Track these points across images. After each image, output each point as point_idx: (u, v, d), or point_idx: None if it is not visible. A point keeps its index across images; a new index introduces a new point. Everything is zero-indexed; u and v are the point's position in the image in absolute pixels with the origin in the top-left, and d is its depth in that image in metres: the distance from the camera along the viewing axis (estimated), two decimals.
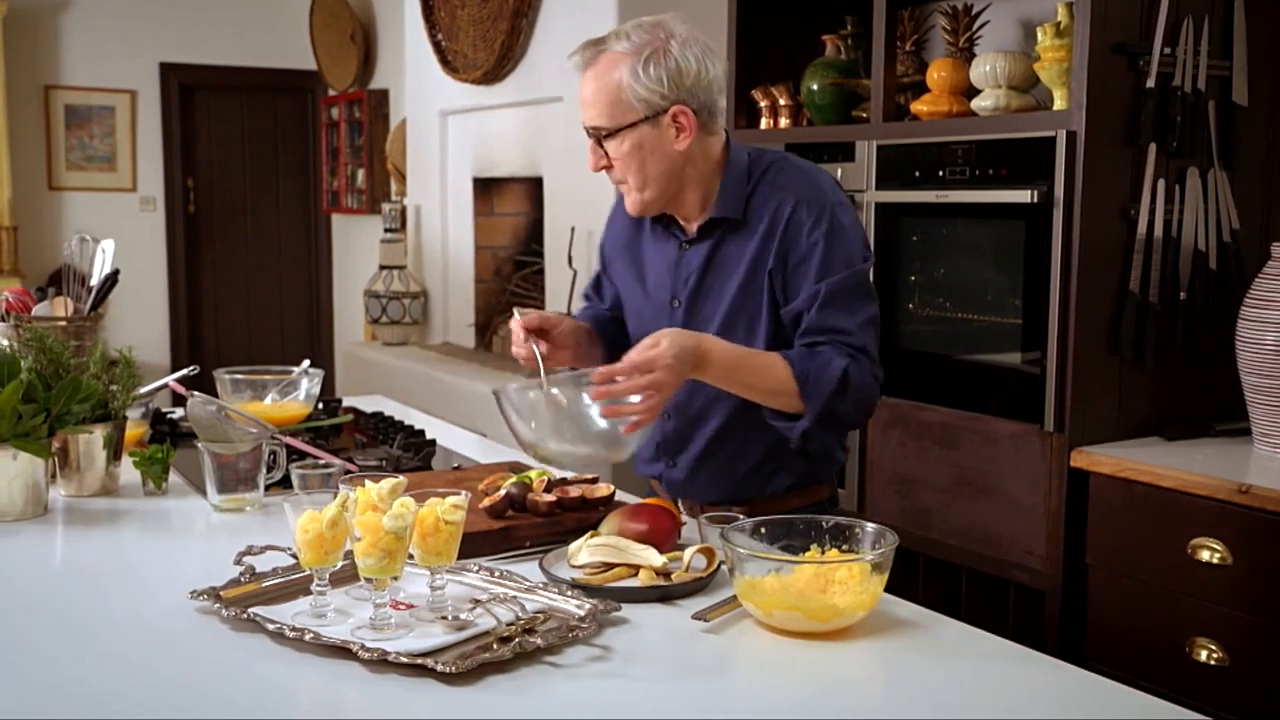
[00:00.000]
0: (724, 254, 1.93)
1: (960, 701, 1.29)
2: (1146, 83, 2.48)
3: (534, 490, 1.83)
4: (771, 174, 1.93)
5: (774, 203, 1.89)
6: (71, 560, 1.80)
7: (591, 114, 1.86)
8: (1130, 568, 2.42)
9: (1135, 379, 2.58)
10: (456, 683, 1.29)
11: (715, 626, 1.47)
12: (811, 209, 1.87)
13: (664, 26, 1.85)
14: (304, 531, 1.45)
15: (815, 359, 1.80)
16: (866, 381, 1.82)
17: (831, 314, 1.83)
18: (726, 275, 1.92)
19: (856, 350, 1.82)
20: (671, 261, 1.98)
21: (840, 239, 1.86)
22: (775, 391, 1.81)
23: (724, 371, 1.80)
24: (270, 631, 1.41)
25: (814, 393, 1.79)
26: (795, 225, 1.86)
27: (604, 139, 1.86)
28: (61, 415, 1.92)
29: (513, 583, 1.57)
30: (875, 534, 1.53)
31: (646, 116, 1.83)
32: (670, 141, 1.86)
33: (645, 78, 1.82)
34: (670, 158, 1.87)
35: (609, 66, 1.84)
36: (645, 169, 1.87)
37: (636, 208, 1.94)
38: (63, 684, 1.31)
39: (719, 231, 1.93)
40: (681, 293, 1.96)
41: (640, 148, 1.85)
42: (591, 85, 1.85)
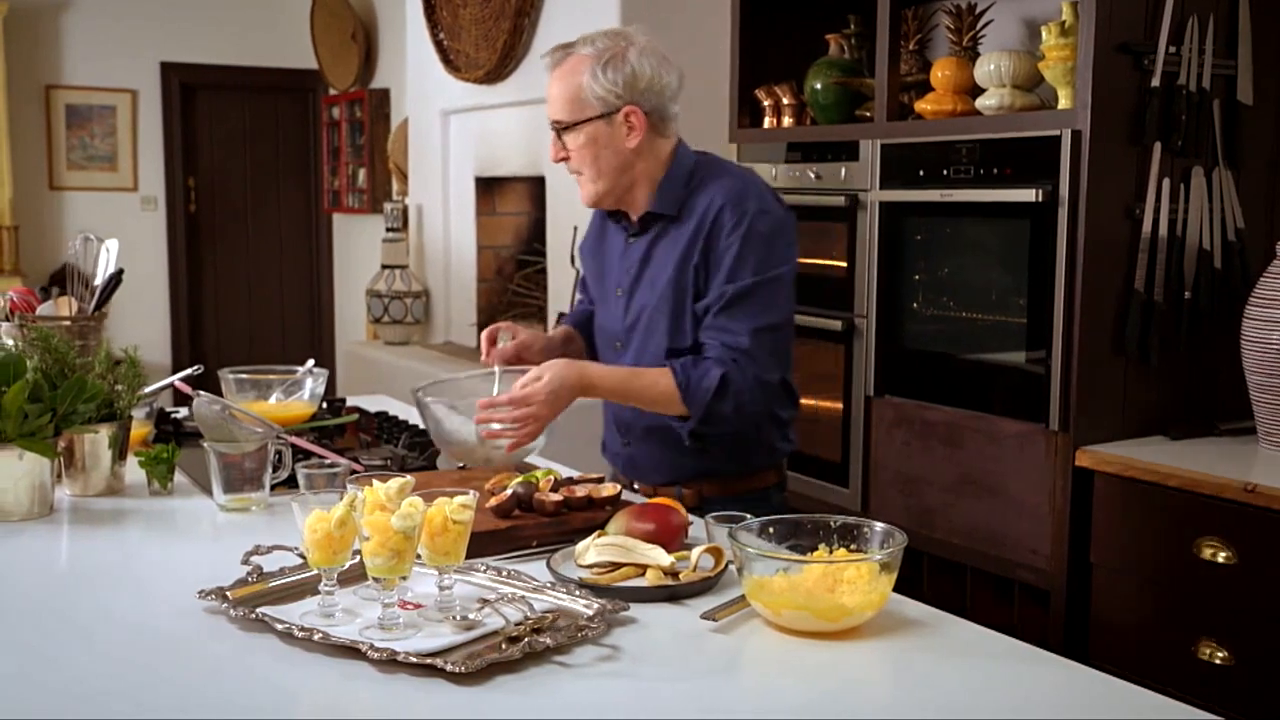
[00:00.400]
0: (660, 248, 2.11)
1: (970, 702, 1.29)
2: (1151, 82, 2.48)
3: (540, 490, 1.83)
4: (709, 176, 2.10)
5: (705, 203, 2.06)
6: (78, 560, 1.80)
7: (554, 109, 2.07)
8: (1135, 567, 2.41)
9: (1140, 378, 2.58)
10: (465, 682, 1.29)
11: (723, 626, 1.47)
12: (734, 212, 2.03)
13: (626, 36, 2.07)
14: (312, 531, 1.45)
15: (697, 368, 1.99)
16: (747, 386, 1.99)
17: (728, 316, 2.01)
18: (660, 268, 2.10)
19: (741, 354, 1.98)
20: (620, 253, 2.18)
21: (754, 244, 2.01)
22: (662, 402, 2.01)
23: (609, 394, 2.04)
24: (279, 631, 1.40)
25: (694, 400, 1.98)
26: (718, 226, 2.03)
27: (563, 132, 2.06)
28: (67, 415, 1.92)
29: (520, 582, 1.57)
30: (884, 533, 1.53)
31: (602, 114, 2.04)
32: (622, 139, 2.05)
33: (603, 79, 2.02)
34: (621, 154, 2.06)
35: (573, 68, 2.05)
36: (598, 162, 2.07)
37: (589, 198, 2.13)
38: (71, 684, 1.31)
39: (657, 226, 2.11)
40: (624, 282, 2.16)
41: (594, 142, 2.05)
42: (556, 84, 2.06)
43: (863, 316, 3.00)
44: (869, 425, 3.00)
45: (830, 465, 3.12)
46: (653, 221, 2.11)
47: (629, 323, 2.14)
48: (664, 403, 2.00)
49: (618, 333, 2.17)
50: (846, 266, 3.05)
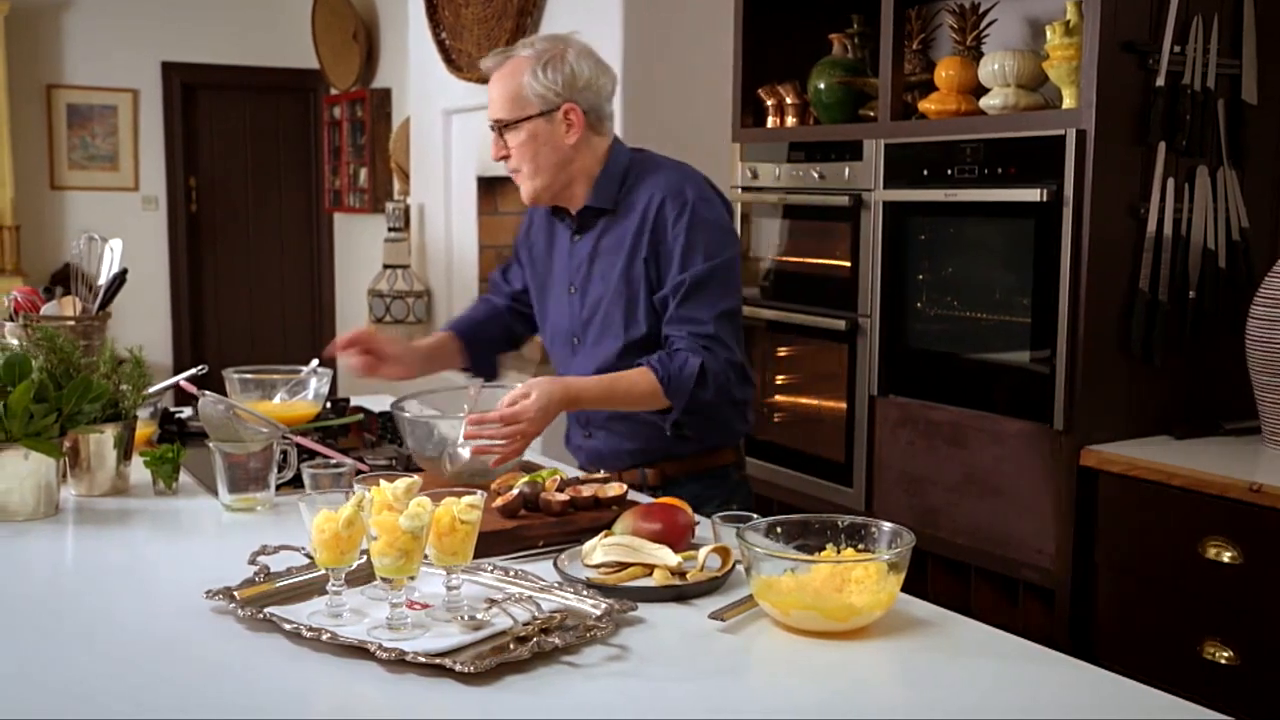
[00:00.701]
0: (606, 244, 2.19)
1: (979, 702, 1.29)
2: (1156, 81, 2.48)
3: (546, 490, 1.83)
4: (646, 171, 2.18)
5: (645, 197, 2.14)
6: (84, 560, 1.80)
7: (495, 108, 2.14)
8: (1140, 567, 2.41)
9: (1144, 378, 2.58)
10: (474, 683, 1.29)
11: (731, 626, 1.47)
12: (675, 203, 2.12)
13: (564, 39, 2.17)
14: (320, 531, 1.44)
15: (674, 360, 2.06)
16: (721, 370, 2.08)
17: (690, 305, 2.09)
18: (609, 264, 2.18)
19: (710, 340, 2.08)
20: (567, 251, 2.25)
21: (700, 231, 2.11)
22: (644, 400, 2.08)
23: (593, 403, 2.09)
24: (287, 631, 1.40)
25: (677, 391, 2.06)
26: (661, 218, 2.12)
27: (505, 130, 2.13)
28: (73, 415, 1.92)
29: (527, 582, 1.57)
30: (891, 533, 1.53)
31: (542, 111, 2.11)
32: (561, 135, 2.13)
33: (543, 77, 2.11)
34: (560, 150, 2.14)
35: (513, 68, 2.13)
36: (538, 158, 2.14)
37: (528, 196, 2.19)
38: (78, 683, 1.31)
39: (600, 223, 2.19)
40: (576, 279, 2.23)
41: (534, 138, 2.12)
42: (497, 85, 2.14)
43: (866, 316, 2.99)
44: (873, 425, 3.00)
45: (834, 465, 3.12)
46: (593, 218, 2.19)
47: (585, 317, 2.21)
48: (647, 400, 2.07)
49: (573, 328, 2.24)
50: (850, 266, 3.04)
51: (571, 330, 2.25)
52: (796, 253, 3.29)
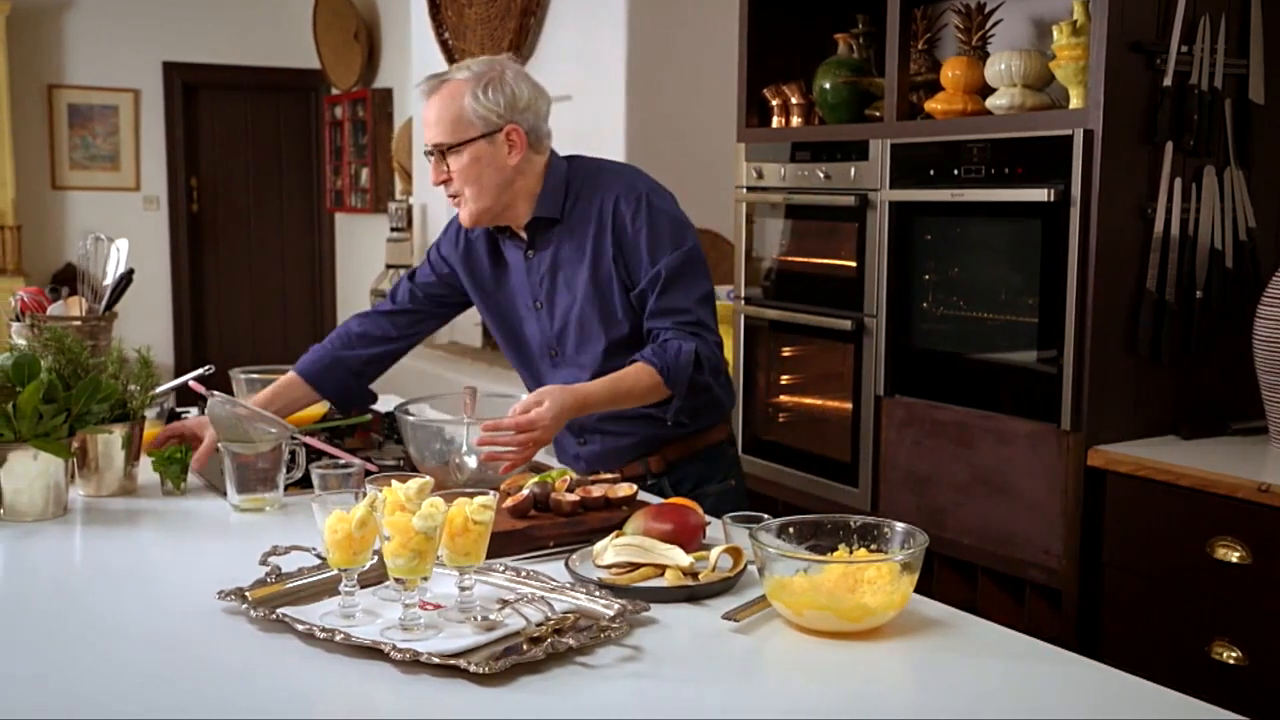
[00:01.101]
0: (564, 255, 2.20)
1: (993, 702, 1.29)
2: (1164, 81, 2.48)
3: (556, 490, 1.83)
4: (589, 178, 2.21)
5: (596, 203, 2.17)
6: (95, 561, 1.79)
7: (434, 132, 2.13)
8: (1148, 567, 2.41)
9: (1151, 378, 2.58)
10: (489, 683, 1.28)
11: (744, 626, 1.47)
12: (628, 200, 2.15)
13: (499, 62, 2.17)
14: (333, 532, 1.44)
15: (668, 350, 2.08)
16: (711, 352, 2.14)
17: (670, 295, 2.13)
18: (572, 273, 2.19)
19: (697, 326, 2.12)
20: (523, 270, 2.25)
21: (660, 221, 2.15)
22: (648, 394, 2.09)
23: (600, 405, 2.07)
24: (299, 632, 1.40)
25: (678, 379, 2.09)
26: (619, 216, 2.15)
27: (447, 153, 2.12)
28: (82, 415, 1.92)
29: (539, 583, 1.56)
30: (904, 534, 1.53)
31: (484, 133, 2.11)
32: (504, 156, 2.13)
33: (485, 99, 2.11)
34: (503, 171, 2.14)
35: (452, 91, 2.12)
36: (481, 180, 2.13)
37: (470, 218, 2.18)
38: (91, 685, 1.30)
39: (553, 234, 2.20)
40: (539, 294, 2.24)
41: (478, 160, 2.12)
42: (435, 108, 2.12)
43: (872, 316, 2.99)
44: (879, 425, 3.00)
45: (840, 465, 3.12)
46: (544, 230, 2.19)
47: (557, 329, 2.22)
48: (650, 394, 2.08)
49: (547, 343, 2.26)
50: (856, 266, 3.04)
51: (545, 345, 2.26)
52: (801, 253, 3.28)
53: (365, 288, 7.32)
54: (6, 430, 1.85)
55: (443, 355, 5.34)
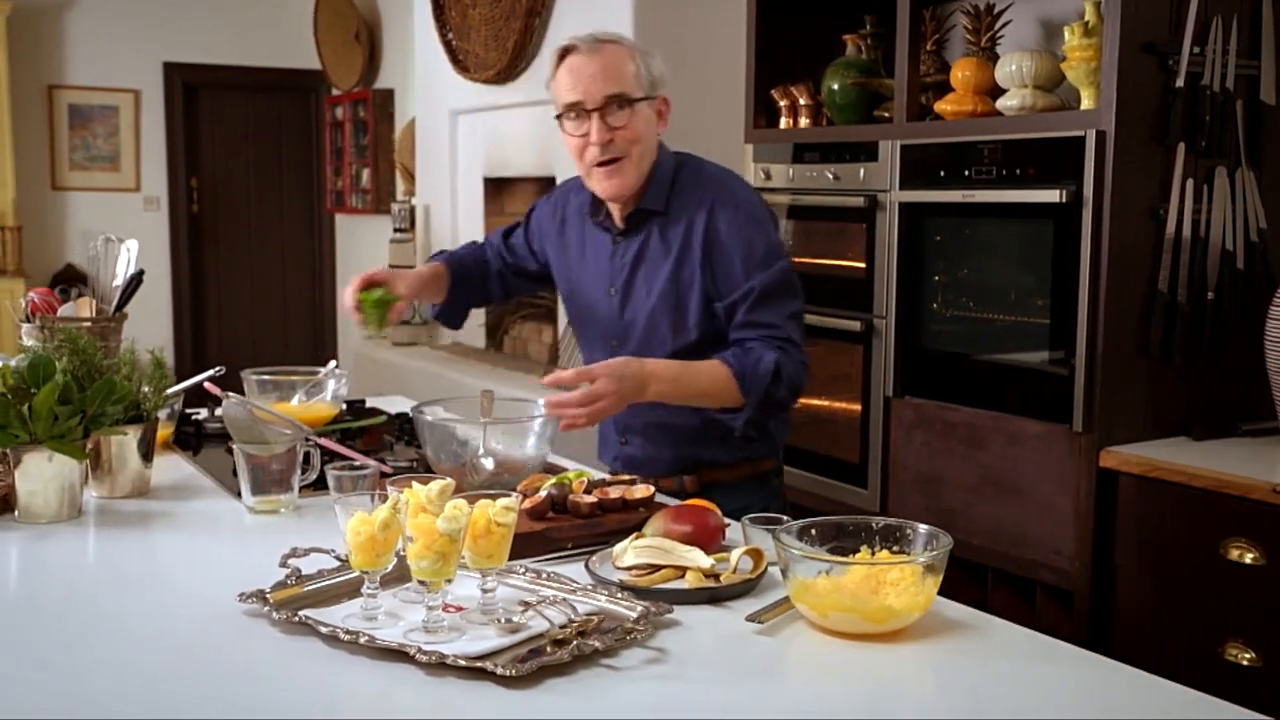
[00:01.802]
0: (653, 247, 2.12)
1: (1019, 703, 1.28)
2: (1176, 82, 2.48)
3: (574, 492, 1.82)
4: (692, 174, 2.14)
5: (695, 202, 2.09)
6: (111, 562, 1.78)
7: (610, 83, 2.03)
8: (1161, 568, 2.41)
9: (1162, 379, 2.58)
10: (515, 685, 1.28)
11: (767, 628, 1.46)
12: (729, 209, 2.07)
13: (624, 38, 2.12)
14: (355, 534, 1.44)
15: (749, 356, 2.01)
16: (795, 369, 2.04)
17: (761, 310, 2.05)
18: (655, 267, 2.12)
19: (784, 341, 2.04)
20: (607, 253, 2.18)
21: (759, 237, 2.07)
22: (715, 392, 2.01)
23: (666, 387, 1.99)
24: (323, 635, 1.39)
25: (752, 386, 2.00)
26: (714, 223, 2.07)
27: (623, 107, 2.03)
28: (96, 417, 1.91)
29: (560, 585, 1.56)
30: (928, 535, 1.53)
31: (647, 96, 2.06)
32: (654, 124, 2.10)
33: (646, 65, 2.07)
34: (654, 140, 2.10)
35: (618, 51, 2.05)
36: (646, 143, 2.07)
37: (622, 188, 2.08)
38: (114, 686, 1.30)
39: (647, 225, 2.13)
40: (617, 281, 2.17)
41: (646, 122, 2.07)
42: (603, 60, 2.03)
43: (881, 317, 2.99)
44: (888, 426, 3.00)
45: (849, 466, 3.12)
46: (641, 221, 2.12)
47: (626, 321, 2.16)
48: (718, 393, 2.01)
49: (611, 331, 2.20)
50: (865, 267, 3.04)
51: (609, 333, 2.20)
52: (810, 253, 3.28)
53: None
54: (22, 432, 1.84)
55: (446, 356, 5.34)
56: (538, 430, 2.03)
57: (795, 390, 2.05)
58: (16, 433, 1.84)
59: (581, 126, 2.05)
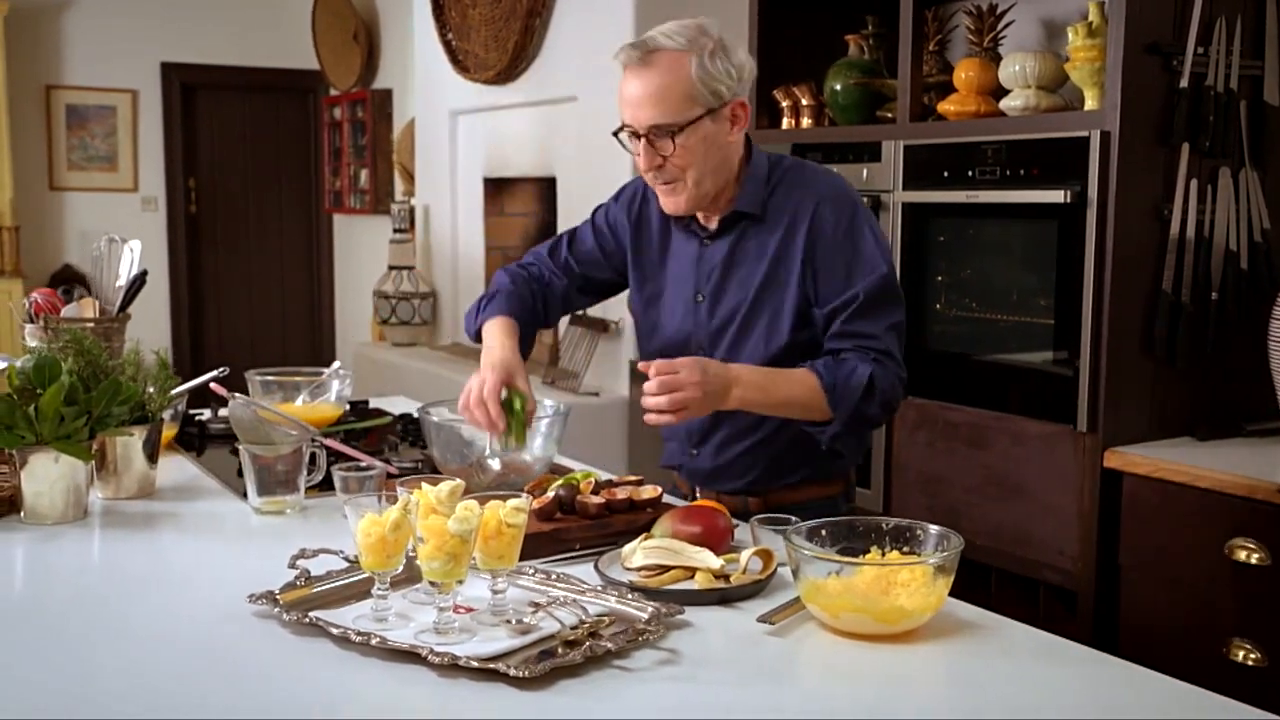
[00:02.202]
0: (745, 250, 1.98)
1: (1031, 703, 1.28)
2: (1180, 83, 2.48)
3: (582, 492, 1.82)
4: (792, 174, 1.99)
5: (795, 201, 1.95)
6: (118, 564, 1.78)
7: (653, 112, 1.86)
8: (1165, 568, 2.41)
9: (1167, 379, 2.58)
10: (528, 686, 1.28)
11: (778, 629, 1.46)
12: (835, 208, 1.93)
13: (704, 28, 1.89)
14: (366, 535, 1.43)
15: (841, 367, 1.88)
16: (891, 384, 1.91)
17: (861, 321, 1.91)
18: (748, 270, 1.98)
19: (881, 354, 1.90)
20: (694, 257, 2.03)
21: (866, 241, 1.93)
22: (802, 403, 1.89)
23: (753, 390, 1.86)
24: (334, 636, 1.39)
25: (842, 400, 1.87)
26: (819, 224, 1.92)
27: (675, 134, 1.86)
28: (102, 417, 1.91)
29: (570, 586, 1.56)
30: (938, 536, 1.53)
31: (711, 109, 1.87)
32: (725, 134, 1.91)
33: (715, 70, 1.86)
34: (724, 150, 1.92)
35: (673, 63, 1.85)
36: (706, 162, 1.90)
37: (687, 204, 1.95)
38: (124, 688, 1.30)
39: (739, 227, 1.98)
40: (705, 287, 2.02)
41: (705, 141, 1.89)
42: (654, 82, 1.85)
43: None
44: (890, 425, 3.00)
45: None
46: (734, 222, 1.98)
47: (716, 327, 2.01)
48: (806, 404, 1.88)
49: (698, 338, 2.03)
50: None
51: (695, 340, 2.03)
52: None
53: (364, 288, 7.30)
54: (28, 433, 1.84)
55: (445, 356, 5.33)
56: (545, 431, 2.02)
57: (889, 407, 1.92)
58: (23, 433, 1.84)
59: (635, 146, 1.92)
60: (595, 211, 2.20)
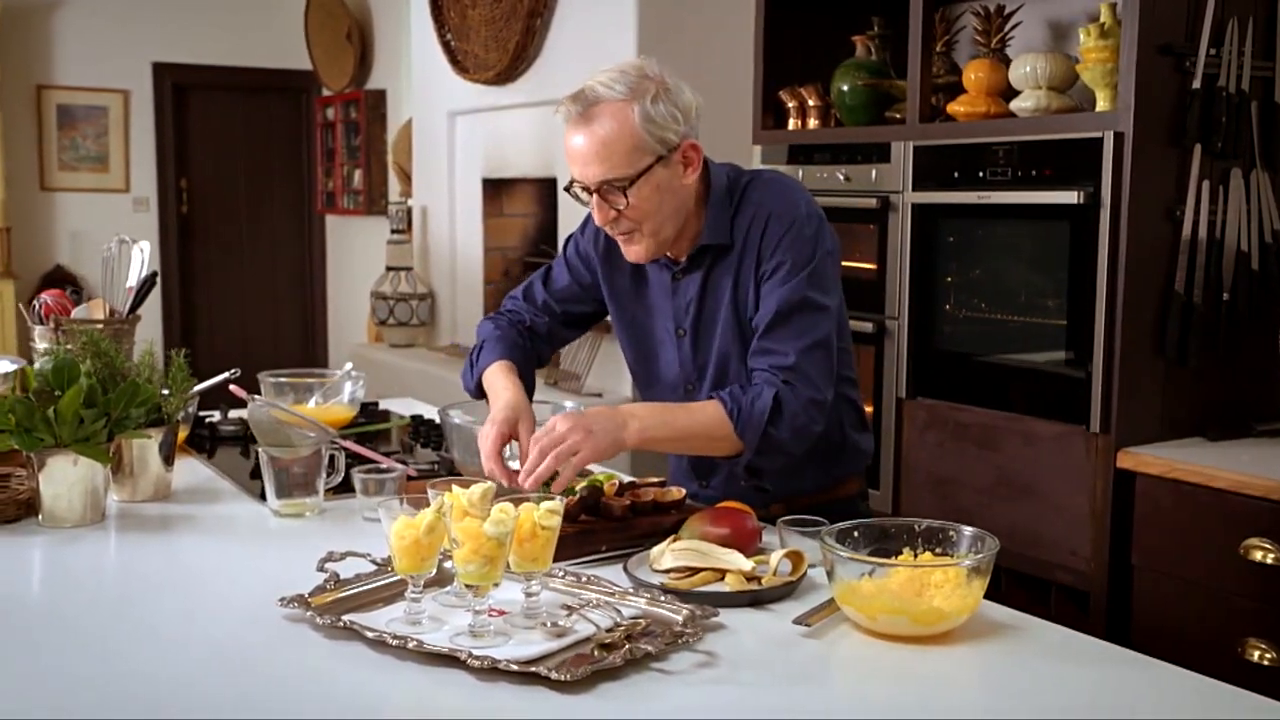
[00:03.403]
0: (715, 280, 1.94)
1: (1067, 704, 1.29)
2: (1193, 84, 2.48)
3: (606, 494, 1.81)
4: (750, 191, 1.93)
5: (749, 221, 1.90)
6: (141, 568, 1.76)
7: (601, 168, 1.80)
8: (1179, 568, 2.42)
9: (1178, 379, 2.58)
10: (569, 690, 1.27)
11: (812, 631, 1.46)
12: (780, 221, 1.88)
13: (644, 69, 1.84)
14: (400, 538, 1.43)
15: (746, 394, 1.82)
16: (800, 408, 1.82)
17: (772, 338, 1.85)
18: (719, 299, 1.94)
19: (790, 373, 1.82)
20: (668, 292, 1.99)
21: (800, 252, 1.86)
22: (710, 435, 1.82)
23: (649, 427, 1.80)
24: (369, 639, 1.38)
25: (748, 427, 1.81)
26: (768, 239, 1.88)
27: (624, 189, 1.81)
28: (121, 420, 1.89)
29: (600, 588, 1.55)
30: (973, 537, 1.52)
31: (660, 156, 1.81)
32: (679, 177, 1.86)
33: (659, 116, 1.80)
34: (680, 194, 1.87)
35: (615, 114, 1.78)
36: (661, 211, 1.85)
37: (648, 253, 1.90)
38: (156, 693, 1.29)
39: (708, 258, 1.94)
40: (684, 322, 1.98)
41: (658, 190, 1.83)
42: (598, 136, 1.79)
43: (894, 318, 2.99)
44: (900, 427, 3.00)
45: None
46: (703, 254, 1.93)
47: (701, 362, 1.97)
48: (714, 436, 1.82)
49: (686, 375, 2.01)
50: (877, 268, 3.04)
51: (685, 378, 2.00)
52: None
53: (357, 289, 7.28)
54: (47, 435, 1.82)
55: (444, 358, 5.31)
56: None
57: (800, 432, 1.82)
58: (42, 436, 1.82)
59: (589, 199, 1.86)
60: (565, 244, 2.15)
